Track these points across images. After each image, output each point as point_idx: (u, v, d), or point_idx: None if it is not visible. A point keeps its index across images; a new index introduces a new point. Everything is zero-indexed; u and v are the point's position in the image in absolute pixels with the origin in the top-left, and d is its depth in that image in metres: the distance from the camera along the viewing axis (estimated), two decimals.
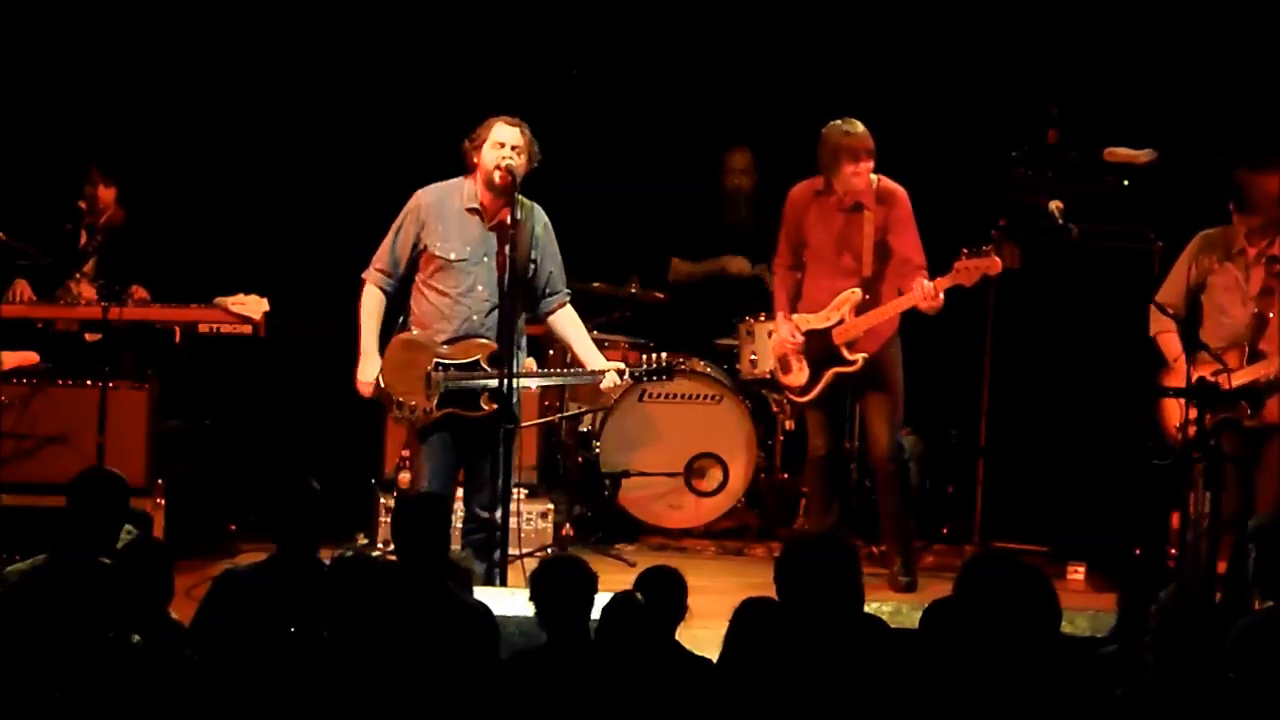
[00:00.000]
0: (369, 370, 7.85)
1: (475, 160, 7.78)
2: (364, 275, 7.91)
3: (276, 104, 10.18)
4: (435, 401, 7.76)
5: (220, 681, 5.36)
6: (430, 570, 5.85)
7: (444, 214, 7.80)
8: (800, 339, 8.71)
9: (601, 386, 7.99)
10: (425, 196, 7.85)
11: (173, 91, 10.13)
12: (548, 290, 7.89)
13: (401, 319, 7.93)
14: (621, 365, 7.92)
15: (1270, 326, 7.99)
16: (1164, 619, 5.15)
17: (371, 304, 7.88)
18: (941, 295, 8.42)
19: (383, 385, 7.86)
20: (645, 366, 8.05)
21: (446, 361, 7.76)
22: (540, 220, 7.82)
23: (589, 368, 7.94)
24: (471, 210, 7.80)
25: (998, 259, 8.39)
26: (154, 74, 10.10)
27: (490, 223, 7.78)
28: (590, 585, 5.69)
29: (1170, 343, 8.14)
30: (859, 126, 8.54)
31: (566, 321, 7.97)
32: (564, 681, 5.40)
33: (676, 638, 5.67)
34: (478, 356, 7.75)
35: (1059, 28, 9.99)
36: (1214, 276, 8.11)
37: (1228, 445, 7.78)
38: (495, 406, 7.69)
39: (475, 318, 7.78)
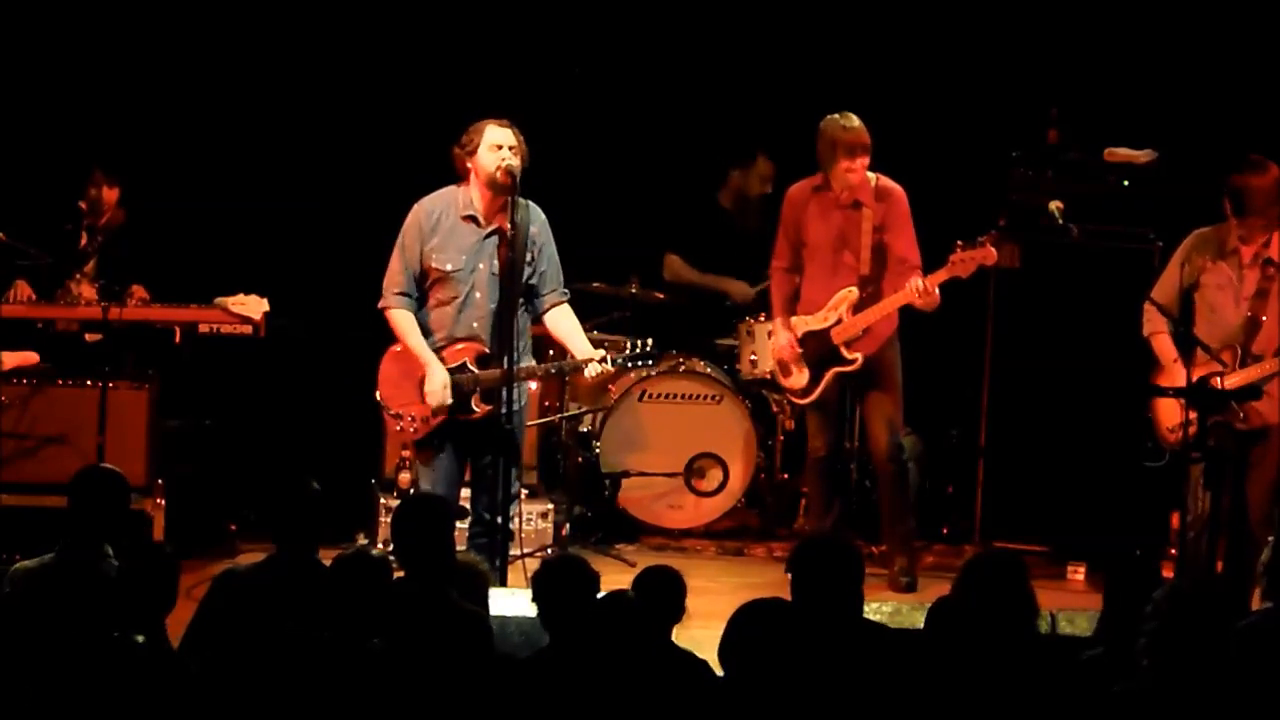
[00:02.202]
0: (436, 378, 7.71)
1: (469, 165, 7.74)
2: (381, 305, 7.80)
3: (276, 104, 10.18)
4: (431, 409, 7.75)
5: (219, 682, 5.36)
6: (429, 573, 5.85)
7: (440, 226, 7.76)
8: (798, 345, 8.71)
9: (586, 375, 7.95)
10: (421, 210, 7.81)
11: (173, 92, 10.12)
12: (543, 288, 7.85)
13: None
14: (603, 352, 7.83)
15: (1264, 329, 8.00)
16: (1161, 621, 5.14)
17: (405, 322, 7.76)
18: (937, 291, 8.42)
19: (378, 399, 7.86)
20: (629, 352, 8.00)
21: None
22: (537, 219, 7.78)
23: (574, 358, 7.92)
24: (468, 218, 7.78)
25: (993, 249, 8.39)
26: (154, 74, 10.09)
27: (487, 228, 7.76)
28: (592, 585, 5.69)
29: (1164, 343, 8.14)
30: (855, 121, 8.55)
31: (562, 319, 7.91)
32: (567, 681, 5.40)
33: (675, 639, 5.66)
34: (465, 359, 7.75)
35: (1059, 28, 9.99)
36: (1207, 275, 8.11)
37: (1221, 447, 7.82)
38: (489, 407, 7.69)
39: (475, 324, 7.76)
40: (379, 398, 7.87)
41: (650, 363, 8.18)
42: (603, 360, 7.77)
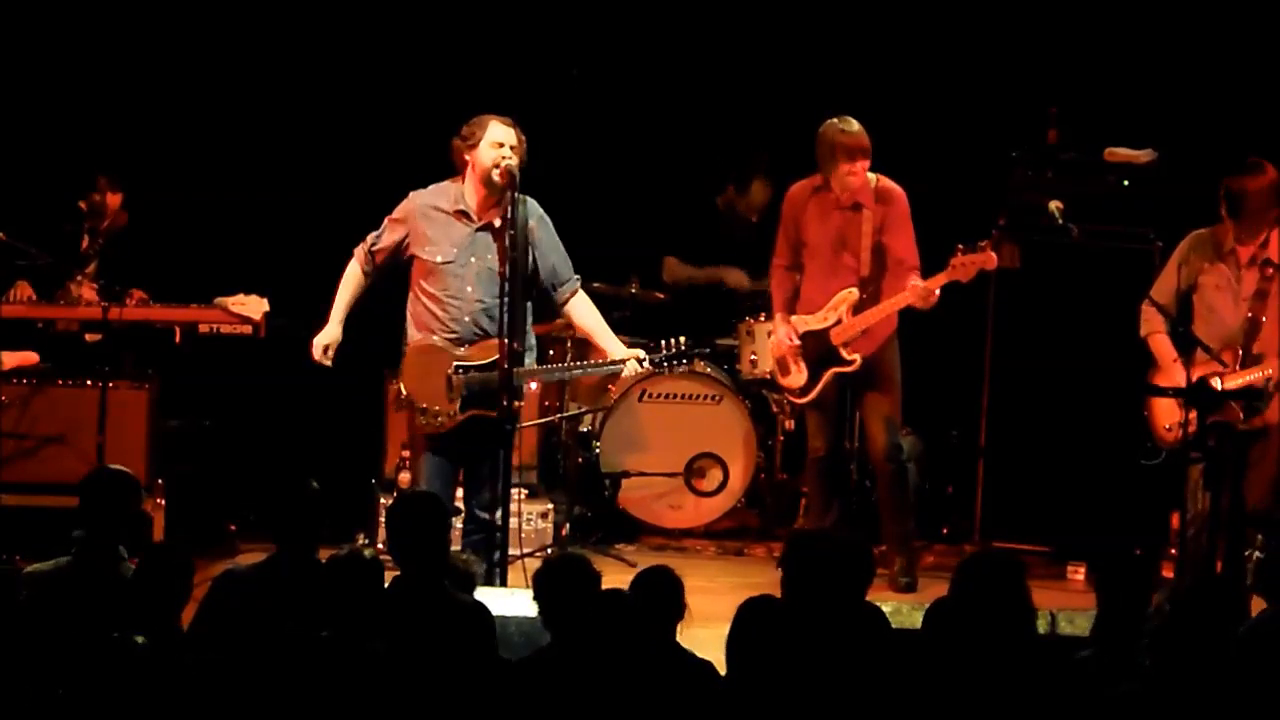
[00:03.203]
0: (326, 334, 7.88)
1: (467, 158, 7.74)
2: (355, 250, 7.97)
3: (277, 104, 10.18)
4: (459, 404, 7.72)
5: (220, 681, 5.36)
6: (426, 568, 5.85)
7: (431, 218, 7.78)
8: (797, 341, 8.72)
9: (624, 375, 7.92)
10: (413, 201, 7.83)
11: (173, 92, 10.13)
12: (554, 282, 7.85)
13: (405, 325, 7.91)
14: (642, 353, 7.80)
15: (1264, 330, 8.00)
16: (1161, 622, 5.14)
17: (348, 276, 7.91)
18: (937, 292, 8.42)
19: (404, 393, 7.81)
20: (666, 352, 7.86)
21: (465, 364, 7.73)
22: (534, 214, 7.77)
23: (610, 357, 7.88)
24: (459, 213, 7.77)
25: (993, 254, 8.39)
26: (154, 74, 10.10)
27: (479, 223, 7.76)
28: (594, 584, 5.69)
29: (1161, 343, 8.15)
30: (855, 125, 8.56)
31: (583, 309, 7.91)
32: (568, 680, 5.40)
33: (677, 638, 5.66)
34: (496, 356, 7.69)
35: (1059, 28, 9.99)
36: (1205, 276, 8.12)
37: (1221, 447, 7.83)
38: (520, 404, 7.70)
39: (467, 319, 7.74)
40: (405, 392, 7.81)
41: (687, 362, 8.04)
42: (641, 360, 7.76)
